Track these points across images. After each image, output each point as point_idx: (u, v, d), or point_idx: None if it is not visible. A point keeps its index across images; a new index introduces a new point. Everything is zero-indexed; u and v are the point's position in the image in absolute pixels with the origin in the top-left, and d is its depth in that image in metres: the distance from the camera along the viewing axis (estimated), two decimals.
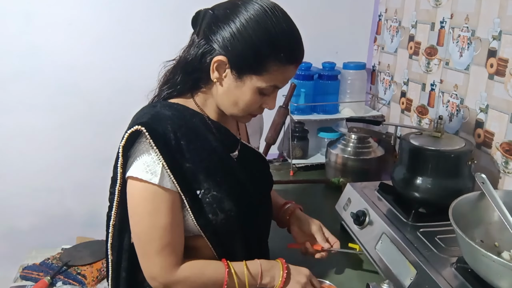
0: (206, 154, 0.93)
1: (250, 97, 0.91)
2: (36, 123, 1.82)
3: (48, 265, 1.79)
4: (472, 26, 1.36)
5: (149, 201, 0.89)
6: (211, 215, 0.92)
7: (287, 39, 0.88)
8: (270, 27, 0.86)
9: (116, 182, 0.92)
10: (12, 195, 1.88)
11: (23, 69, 1.75)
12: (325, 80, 1.85)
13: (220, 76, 0.91)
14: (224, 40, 0.87)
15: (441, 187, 1.14)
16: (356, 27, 1.98)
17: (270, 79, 0.89)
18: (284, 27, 0.88)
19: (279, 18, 0.87)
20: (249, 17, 0.86)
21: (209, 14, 0.90)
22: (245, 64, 0.88)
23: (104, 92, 1.83)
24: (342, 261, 1.20)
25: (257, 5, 0.87)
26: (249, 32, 0.86)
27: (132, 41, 1.80)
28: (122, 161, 0.90)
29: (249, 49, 0.86)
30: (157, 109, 0.93)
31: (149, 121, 0.88)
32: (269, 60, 0.87)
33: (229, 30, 0.87)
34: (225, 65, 0.89)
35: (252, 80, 0.89)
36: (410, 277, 0.95)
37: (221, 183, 0.94)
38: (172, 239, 0.91)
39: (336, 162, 1.66)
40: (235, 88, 0.91)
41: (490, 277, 0.82)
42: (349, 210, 1.25)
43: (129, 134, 0.88)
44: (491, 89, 1.30)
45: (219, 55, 0.88)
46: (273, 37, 0.86)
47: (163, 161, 0.87)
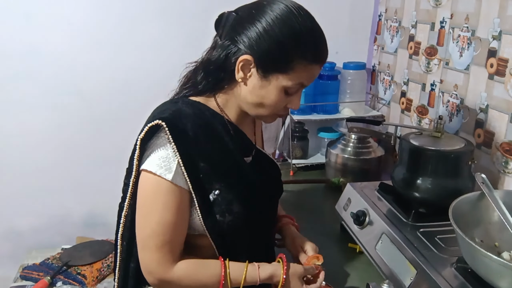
0: (222, 155, 0.94)
1: (275, 96, 0.91)
2: (36, 123, 1.82)
3: (48, 265, 1.79)
4: (472, 26, 1.36)
5: (160, 196, 0.89)
6: (218, 216, 0.93)
7: (313, 38, 0.90)
8: (296, 26, 0.87)
9: (131, 174, 0.92)
10: (12, 195, 1.88)
11: (23, 69, 1.75)
12: (325, 80, 1.85)
13: (245, 75, 0.91)
14: (250, 39, 0.88)
15: (441, 187, 1.14)
16: (356, 27, 1.98)
17: (296, 77, 0.90)
18: (310, 26, 0.89)
19: (304, 17, 0.88)
20: (275, 16, 0.87)
21: (232, 16, 0.91)
22: (271, 63, 0.89)
23: (104, 92, 1.83)
24: (342, 261, 1.21)
25: (282, 4, 0.88)
26: (276, 31, 0.86)
27: (132, 41, 1.80)
28: (139, 153, 0.90)
29: (276, 47, 0.87)
30: (178, 105, 0.93)
31: (170, 117, 0.89)
32: (296, 58, 0.88)
33: (255, 30, 0.87)
34: (250, 65, 0.89)
35: (278, 79, 0.90)
36: (410, 277, 0.95)
37: (233, 186, 0.94)
38: (174, 237, 0.91)
39: (336, 162, 1.66)
40: (260, 87, 0.91)
41: (490, 277, 0.82)
42: (349, 210, 1.25)
43: (149, 127, 0.88)
44: (491, 89, 1.30)
45: (245, 54, 0.89)
46: (300, 35, 0.87)
47: (179, 158, 0.88)
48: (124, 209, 0.95)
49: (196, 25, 1.56)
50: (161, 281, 0.92)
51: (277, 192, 1.15)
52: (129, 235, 0.96)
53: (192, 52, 1.00)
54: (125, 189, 0.95)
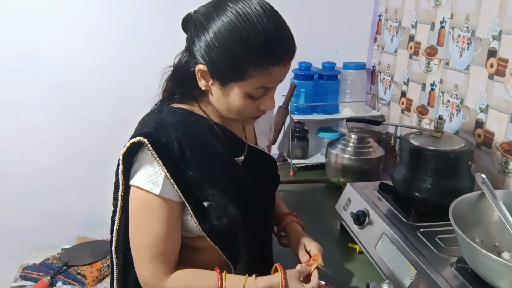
0: (210, 160, 0.93)
1: (240, 103, 0.88)
2: (36, 123, 1.82)
3: (48, 265, 1.79)
4: (472, 26, 1.36)
5: (148, 210, 0.89)
6: (215, 221, 0.92)
7: (261, 40, 0.82)
8: (241, 31, 0.81)
9: (118, 188, 0.92)
10: (12, 195, 1.88)
11: (23, 69, 1.75)
12: (325, 80, 1.85)
13: (207, 83, 0.89)
14: (201, 49, 0.86)
15: (441, 187, 1.14)
16: (356, 27, 1.98)
17: (254, 83, 0.86)
18: (259, 27, 0.82)
19: (252, 19, 0.82)
20: (221, 23, 0.83)
21: (192, 19, 0.89)
22: (224, 74, 0.86)
23: (104, 92, 1.83)
24: (342, 261, 1.21)
25: (230, 8, 0.83)
26: (221, 40, 0.83)
27: (132, 41, 1.80)
28: (122, 168, 0.90)
29: (223, 58, 0.84)
30: (162, 116, 0.92)
31: (152, 131, 0.88)
32: (245, 65, 0.83)
33: (203, 39, 0.85)
34: (207, 74, 0.88)
35: (236, 88, 0.87)
36: (410, 277, 0.95)
37: (225, 189, 0.93)
38: (166, 248, 0.91)
39: (336, 162, 1.66)
40: (222, 95, 0.89)
41: (490, 277, 0.82)
42: (349, 210, 1.25)
43: (131, 144, 0.88)
44: (491, 89, 1.30)
45: (200, 64, 0.87)
46: (245, 41, 0.81)
47: (166, 172, 0.87)
48: (116, 223, 0.95)
49: None
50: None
51: (274, 186, 1.13)
52: (124, 248, 0.96)
53: None
54: (115, 203, 0.95)
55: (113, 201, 0.96)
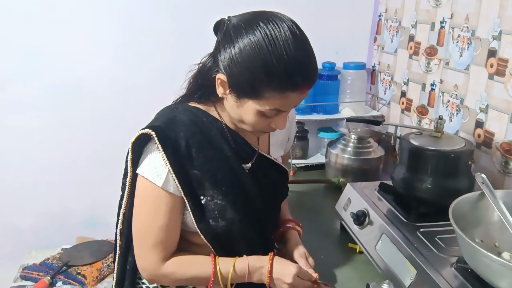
0: (217, 163, 0.95)
1: (252, 118, 0.91)
2: (36, 123, 1.82)
3: (48, 265, 1.79)
4: (472, 26, 1.36)
5: (151, 200, 0.93)
6: (211, 221, 0.95)
7: (283, 66, 0.83)
8: (265, 53, 0.82)
9: (127, 175, 0.97)
10: (12, 195, 1.88)
11: (23, 69, 1.75)
12: (325, 80, 1.85)
13: (224, 92, 0.91)
14: (225, 60, 0.88)
15: (441, 187, 1.14)
16: (356, 27, 1.98)
17: (269, 104, 0.87)
18: (283, 53, 0.83)
19: (279, 43, 0.83)
20: (248, 42, 0.84)
21: (224, 26, 0.90)
22: (241, 89, 0.88)
23: (104, 92, 1.84)
24: (342, 261, 1.21)
25: (259, 28, 0.84)
26: (244, 58, 0.84)
27: (132, 41, 1.80)
28: (131, 156, 0.94)
29: (243, 74, 0.85)
30: (175, 112, 0.96)
31: (162, 125, 0.92)
32: (263, 87, 0.85)
33: (228, 52, 0.87)
34: (226, 84, 0.90)
35: (250, 103, 0.89)
36: (410, 277, 0.95)
37: (227, 193, 0.95)
38: (166, 237, 0.95)
39: (336, 162, 1.66)
40: (237, 107, 0.91)
41: (490, 277, 0.82)
42: (349, 210, 1.25)
43: (140, 134, 0.92)
44: (491, 89, 1.30)
45: (221, 73, 0.89)
46: (267, 63, 0.83)
47: (169, 166, 0.90)
48: (122, 206, 1.00)
49: (197, 25, 1.56)
50: (155, 276, 0.97)
51: (280, 196, 1.14)
52: (127, 231, 1.00)
53: (193, 52, 0.99)
54: (123, 188, 0.99)
55: (121, 186, 1.00)
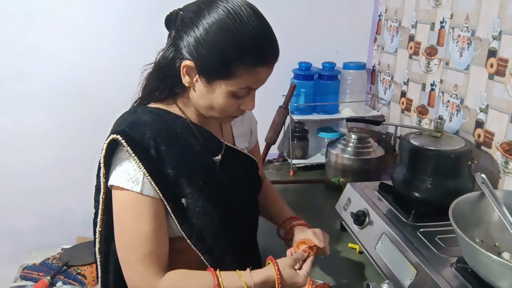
0: (188, 158, 0.92)
1: (223, 101, 0.89)
2: (36, 123, 1.82)
3: (48, 265, 1.79)
4: (472, 26, 1.36)
5: (131, 209, 0.88)
6: (195, 220, 0.92)
7: (252, 41, 0.84)
8: (233, 30, 0.83)
9: (100, 191, 0.92)
10: (12, 195, 1.88)
11: (23, 69, 1.75)
12: (325, 80, 1.85)
13: (191, 80, 0.89)
14: (189, 45, 0.86)
15: (441, 187, 1.14)
16: (356, 27, 1.98)
17: (241, 82, 0.87)
18: (250, 28, 0.84)
19: (243, 19, 0.84)
20: (212, 21, 0.84)
21: (179, 16, 0.89)
22: (211, 70, 0.86)
23: (104, 92, 1.83)
24: (342, 261, 1.21)
25: (221, 7, 0.84)
26: (212, 37, 0.83)
27: (132, 41, 1.80)
28: (104, 171, 0.90)
29: (213, 55, 0.84)
30: (136, 115, 0.92)
31: (126, 129, 0.88)
32: (235, 64, 0.85)
33: (193, 35, 0.85)
34: (194, 70, 0.88)
35: (222, 85, 0.87)
36: (410, 277, 0.95)
37: (203, 188, 0.93)
38: (154, 247, 0.89)
39: (336, 162, 1.66)
40: (207, 92, 0.89)
41: (490, 277, 0.82)
42: (349, 210, 1.25)
43: (108, 143, 0.88)
44: (491, 89, 1.30)
45: (187, 60, 0.87)
46: (237, 40, 0.83)
47: (144, 169, 0.86)
48: (98, 225, 0.95)
49: None
50: None
51: (254, 185, 1.11)
52: (105, 248, 0.97)
53: None
54: (96, 206, 0.95)
55: (94, 204, 0.96)
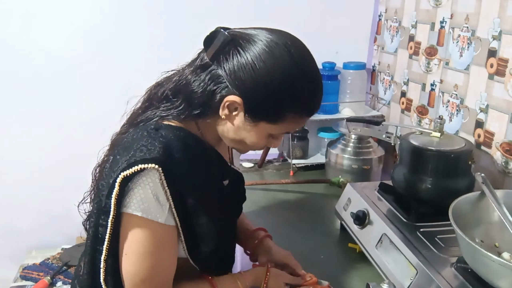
0: (206, 187, 0.89)
1: (258, 140, 0.87)
2: (36, 122, 1.82)
3: (48, 265, 1.79)
4: (472, 26, 1.36)
5: (154, 241, 0.82)
6: (203, 247, 0.88)
7: (309, 93, 0.83)
8: (294, 78, 0.80)
9: (108, 214, 0.81)
10: (12, 195, 1.88)
11: (23, 69, 1.75)
12: (325, 80, 1.85)
13: (230, 113, 0.84)
14: (242, 79, 0.79)
15: (441, 187, 1.14)
16: (356, 27, 1.98)
17: (284, 127, 0.85)
18: (309, 78, 0.82)
19: (305, 66, 0.81)
20: (274, 61, 0.78)
21: (226, 38, 0.81)
22: (262, 113, 0.82)
23: (104, 92, 1.83)
24: (342, 261, 1.21)
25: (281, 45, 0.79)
26: (273, 82, 0.79)
27: (132, 41, 1.80)
28: (118, 191, 0.79)
29: (271, 100, 0.80)
30: (163, 135, 0.83)
31: (161, 157, 0.79)
32: (290, 113, 0.82)
33: (247, 69, 0.79)
34: (238, 106, 0.82)
35: (265, 127, 0.84)
36: (410, 277, 0.95)
37: (215, 215, 0.89)
38: (167, 276, 0.86)
39: (336, 162, 1.66)
40: (244, 129, 0.85)
41: (490, 277, 0.82)
42: (349, 210, 1.25)
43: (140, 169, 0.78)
44: (491, 89, 1.30)
45: (233, 94, 0.81)
46: (296, 89, 0.80)
47: (171, 201, 0.81)
48: (103, 253, 0.84)
49: (197, 25, 1.55)
50: None
51: (243, 201, 1.11)
52: (113, 279, 0.85)
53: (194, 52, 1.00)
54: (103, 231, 0.83)
55: (98, 228, 0.84)
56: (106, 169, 0.88)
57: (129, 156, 0.80)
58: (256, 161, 1.87)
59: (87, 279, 0.88)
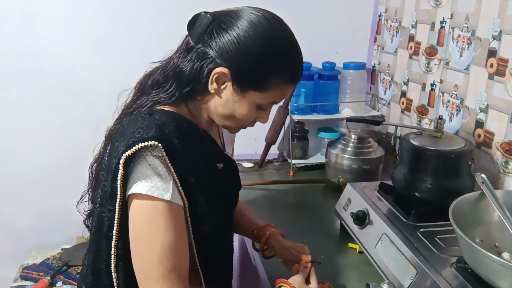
0: (202, 166, 0.90)
1: (247, 112, 0.89)
2: (36, 123, 1.82)
3: (48, 265, 1.79)
4: (472, 26, 1.36)
5: (160, 219, 0.81)
6: (203, 226, 0.89)
7: (292, 57, 0.87)
8: (276, 43, 0.85)
9: (115, 198, 0.82)
10: (12, 195, 1.88)
11: (23, 69, 1.75)
12: (325, 80, 1.85)
13: (218, 87, 0.87)
14: (226, 51, 0.83)
15: (441, 187, 1.14)
16: (356, 27, 1.98)
17: (271, 96, 0.89)
18: (291, 43, 0.87)
19: (286, 33, 0.86)
20: (256, 29, 0.83)
21: (208, 19, 0.86)
22: (248, 80, 0.86)
23: (104, 92, 1.83)
24: (342, 261, 1.21)
25: (260, 16, 0.85)
26: (255, 46, 0.83)
27: (132, 41, 1.80)
28: (122, 173, 0.80)
29: (255, 65, 0.84)
30: (157, 118, 0.84)
31: (159, 135, 0.80)
32: (274, 78, 0.86)
33: (231, 41, 0.83)
34: (226, 78, 0.85)
35: (253, 96, 0.87)
36: (410, 277, 0.95)
37: (211, 196, 0.91)
38: (180, 259, 0.83)
39: (336, 162, 1.66)
40: (233, 101, 0.88)
41: (490, 277, 0.82)
42: (349, 210, 1.25)
43: (140, 147, 0.79)
44: (491, 89, 1.30)
45: (220, 66, 0.84)
46: (279, 53, 0.85)
47: (175, 176, 0.82)
48: (113, 238, 0.84)
49: None
50: None
51: (238, 190, 1.11)
52: (123, 265, 0.85)
53: None
54: (111, 216, 0.84)
55: (107, 213, 0.84)
56: (105, 159, 0.89)
57: (127, 140, 0.81)
58: (256, 161, 1.87)
59: (92, 279, 0.89)
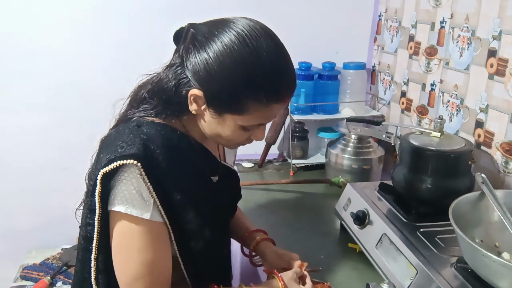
0: (193, 181, 0.89)
1: (232, 133, 0.85)
2: (36, 123, 1.82)
3: (48, 265, 1.79)
4: (472, 26, 1.36)
5: (139, 237, 0.81)
6: (192, 243, 0.88)
7: (268, 78, 0.79)
8: (248, 63, 0.77)
9: (94, 212, 0.81)
10: (12, 195, 1.88)
11: (23, 69, 1.75)
12: (325, 80, 1.85)
13: (198, 108, 0.84)
14: (199, 71, 0.80)
15: (441, 187, 1.14)
16: (356, 27, 1.98)
17: (253, 118, 0.83)
18: (267, 62, 0.78)
19: (260, 51, 0.77)
20: (225, 49, 0.77)
21: (190, 34, 0.82)
22: (222, 104, 0.81)
23: (104, 92, 1.83)
24: (342, 261, 1.21)
25: (234, 32, 0.78)
26: (224, 69, 0.77)
27: (132, 41, 1.80)
28: (100, 189, 0.79)
29: (224, 88, 0.79)
30: (144, 132, 0.83)
31: (141, 153, 0.79)
32: (247, 100, 0.80)
33: (203, 62, 0.79)
34: (200, 100, 0.82)
35: (233, 119, 0.82)
36: (410, 277, 0.95)
37: (204, 211, 0.88)
38: (161, 273, 0.84)
39: (336, 162, 1.66)
40: (215, 123, 0.84)
41: (490, 277, 0.82)
42: (349, 210, 1.25)
43: (119, 165, 0.78)
44: (491, 89, 1.30)
45: (195, 88, 0.81)
46: (251, 75, 0.78)
47: (155, 197, 0.80)
48: (93, 251, 0.84)
49: None
50: None
51: (237, 200, 1.11)
52: (106, 278, 0.85)
53: None
54: (90, 230, 0.83)
55: (86, 227, 0.84)
56: (93, 169, 0.89)
57: (109, 154, 0.80)
58: (256, 161, 1.87)
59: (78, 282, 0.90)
